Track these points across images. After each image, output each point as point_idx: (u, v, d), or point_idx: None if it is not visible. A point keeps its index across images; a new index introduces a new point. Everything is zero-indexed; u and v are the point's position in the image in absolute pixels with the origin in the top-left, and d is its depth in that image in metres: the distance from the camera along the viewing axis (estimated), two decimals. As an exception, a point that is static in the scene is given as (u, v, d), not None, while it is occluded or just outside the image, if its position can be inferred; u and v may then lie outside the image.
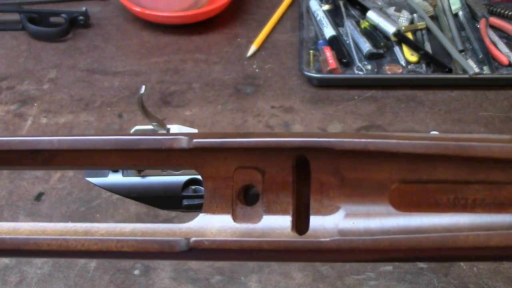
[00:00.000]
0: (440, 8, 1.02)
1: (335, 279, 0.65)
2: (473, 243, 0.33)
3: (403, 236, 0.33)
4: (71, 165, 0.37)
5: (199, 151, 0.36)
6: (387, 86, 0.91)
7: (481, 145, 0.34)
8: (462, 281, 0.65)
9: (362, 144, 0.34)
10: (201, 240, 0.34)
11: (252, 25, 1.03)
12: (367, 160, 0.35)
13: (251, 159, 0.36)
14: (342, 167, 0.35)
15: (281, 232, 0.35)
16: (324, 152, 0.35)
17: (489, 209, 0.34)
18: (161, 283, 0.65)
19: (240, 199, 0.36)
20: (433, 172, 0.35)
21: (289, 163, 0.36)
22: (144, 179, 0.62)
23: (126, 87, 0.91)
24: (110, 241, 0.34)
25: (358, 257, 0.34)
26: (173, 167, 0.37)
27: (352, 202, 0.35)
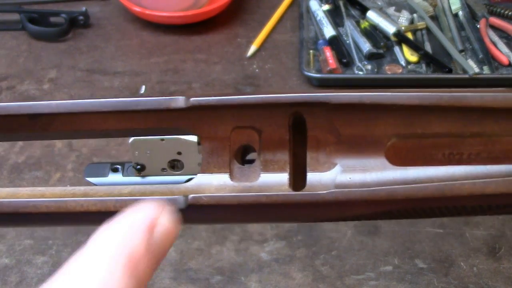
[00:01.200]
0: (440, 8, 1.02)
1: (335, 279, 0.65)
2: (469, 191, 0.33)
3: (400, 186, 0.34)
4: (70, 129, 0.37)
5: (196, 110, 0.36)
6: (387, 86, 0.91)
7: (475, 95, 0.34)
8: (462, 281, 0.65)
9: (357, 98, 0.35)
10: (199, 196, 0.35)
11: (252, 25, 1.03)
12: (362, 116, 0.35)
13: (248, 119, 0.36)
14: (338, 123, 0.36)
15: (278, 189, 0.36)
16: (320, 108, 0.35)
17: (484, 162, 0.35)
18: (161, 283, 0.65)
19: (238, 159, 0.37)
20: (427, 126, 0.35)
21: (285, 121, 0.36)
22: (144, 179, 0.62)
23: (126, 87, 0.91)
24: (109, 201, 0.35)
25: (355, 210, 0.35)
26: (171, 130, 0.37)
27: (348, 158, 0.36)
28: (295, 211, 0.35)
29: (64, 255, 0.67)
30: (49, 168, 0.77)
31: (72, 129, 0.37)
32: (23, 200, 0.35)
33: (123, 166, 0.66)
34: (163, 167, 0.61)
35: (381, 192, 0.34)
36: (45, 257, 0.67)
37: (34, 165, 0.78)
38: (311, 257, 0.67)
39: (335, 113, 0.35)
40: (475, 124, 0.35)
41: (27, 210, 0.34)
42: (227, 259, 0.67)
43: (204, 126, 0.37)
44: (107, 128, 0.37)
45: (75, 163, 0.78)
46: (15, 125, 0.37)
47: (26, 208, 0.34)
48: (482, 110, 0.34)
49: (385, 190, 0.34)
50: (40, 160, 0.78)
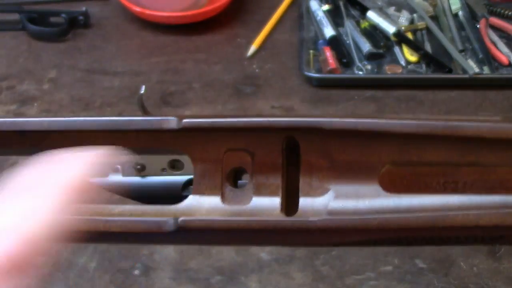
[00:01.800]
0: (440, 8, 1.02)
1: (335, 279, 0.65)
2: (462, 222, 0.33)
3: (392, 215, 0.33)
4: (61, 147, 0.36)
5: (188, 131, 0.36)
6: (387, 86, 0.91)
7: (470, 125, 0.34)
8: (462, 281, 0.65)
9: (351, 124, 0.34)
10: (189, 219, 0.34)
11: (252, 25, 1.03)
12: (356, 142, 0.35)
13: (241, 141, 0.36)
14: (332, 149, 0.35)
15: (270, 213, 0.35)
16: (314, 133, 0.35)
17: (479, 191, 0.34)
18: (161, 283, 0.65)
19: (230, 181, 0.37)
20: (423, 154, 0.35)
21: (278, 145, 0.36)
22: (144, 179, 0.62)
23: (126, 87, 0.91)
24: (99, 221, 0.34)
25: (347, 237, 0.34)
26: (163, 151, 0.37)
27: (341, 184, 0.35)
28: (285, 237, 0.35)
29: (64, 255, 0.67)
30: (49, 168, 0.77)
31: (62, 147, 0.36)
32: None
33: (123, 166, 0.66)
34: (163, 167, 0.61)
35: (373, 221, 0.33)
36: (45, 257, 0.67)
37: (34, 165, 0.78)
38: (311, 257, 0.67)
39: (329, 138, 0.35)
40: (471, 153, 0.34)
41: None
42: (227, 259, 0.67)
43: (196, 148, 0.36)
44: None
45: (75, 163, 0.78)
46: (5, 141, 0.36)
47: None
48: (478, 140, 0.34)
49: (377, 219, 0.33)
50: (40, 160, 0.78)
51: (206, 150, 0.36)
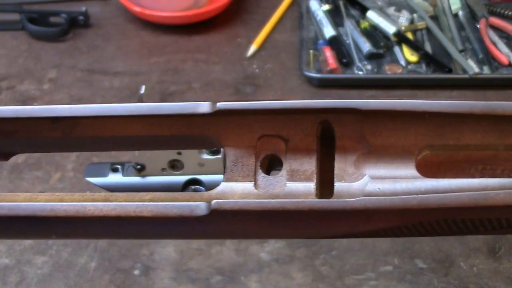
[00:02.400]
0: (440, 8, 1.02)
1: (335, 279, 0.65)
2: (504, 201, 0.31)
3: (432, 195, 0.32)
4: (93, 134, 0.35)
5: (222, 115, 0.35)
6: (387, 86, 0.91)
7: (511, 104, 0.33)
8: (462, 281, 0.65)
9: (389, 105, 0.34)
10: (223, 202, 0.33)
11: (252, 25, 1.03)
12: (392, 125, 0.34)
13: (275, 127, 0.35)
14: (368, 133, 0.34)
15: (305, 197, 0.34)
16: (349, 117, 0.34)
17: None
18: (161, 283, 0.65)
19: (263, 168, 0.36)
20: (460, 137, 0.34)
21: (313, 130, 0.35)
22: (144, 179, 0.62)
23: (126, 87, 0.91)
24: (129, 206, 0.33)
25: (385, 221, 0.33)
26: (196, 137, 0.36)
27: (377, 168, 0.34)
28: (322, 222, 0.34)
29: (64, 255, 0.67)
30: (49, 168, 0.77)
31: (94, 134, 0.35)
32: (40, 204, 0.33)
33: (123, 166, 0.66)
34: (163, 167, 0.61)
35: (412, 201, 0.32)
36: (45, 257, 0.67)
37: (34, 165, 0.78)
38: (311, 257, 0.67)
39: (365, 122, 0.34)
40: (510, 135, 0.33)
41: (44, 214, 0.33)
42: (227, 259, 0.67)
43: (230, 133, 0.36)
44: (131, 134, 0.36)
45: (75, 163, 0.78)
46: (36, 129, 0.35)
47: (43, 211, 0.33)
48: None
49: (417, 198, 0.32)
50: (40, 160, 0.78)
51: (239, 136, 0.36)
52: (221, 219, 0.34)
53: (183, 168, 0.60)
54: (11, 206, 0.33)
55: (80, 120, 0.35)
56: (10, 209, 0.33)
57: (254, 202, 0.33)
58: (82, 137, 0.36)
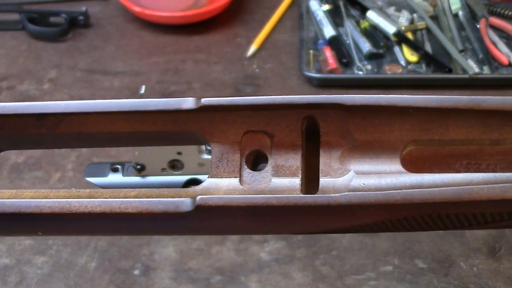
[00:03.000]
0: (440, 8, 1.02)
1: (335, 279, 0.65)
2: (488, 195, 0.32)
3: (416, 190, 0.32)
4: (78, 131, 0.36)
5: (207, 111, 0.35)
6: (387, 86, 0.91)
7: (495, 98, 0.33)
8: (462, 281, 0.65)
9: (373, 100, 0.34)
10: (207, 197, 0.33)
11: (252, 25, 1.03)
12: (377, 121, 0.34)
13: (260, 123, 0.35)
14: (353, 128, 0.35)
15: (290, 193, 0.35)
16: (334, 112, 0.35)
17: (503, 172, 0.33)
18: (161, 283, 0.65)
19: (249, 164, 0.36)
20: (445, 132, 0.34)
21: (298, 126, 0.35)
22: (144, 179, 0.62)
23: (126, 87, 0.91)
24: (114, 202, 0.33)
25: (370, 216, 0.33)
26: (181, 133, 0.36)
27: (362, 164, 0.35)
28: (307, 217, 0.34)
29: (64, 255, 0.67)
30: (49, 168, 0.77)
31: (79, 131, 0.36)
32: (25, 201, 0.33)
33: (123, 166, 0.66)
34: (163, 167, 0.61)
35: (396, 196, 0.32)
36: (45, 257, 0.67)
37: (34, 165, 0.78)
38: (311, 257, 0.67)
39: (350, 117, 0.34)
40: (495, 130, 0.33)
41: (29, 210, 0.33)
42: (227, 259, 0.67)
43: (215, 129, 0.36)
44: (116, 130, 0.36)
45: (75, 163, 0.78)
46: (22, 126, 0.36)
47: (28, 208, 0.33)
48: (502, 115, 0.33)
49: (401, 193, 0.32)
50: (40, 160, 0.78)
51: (224, 132, 0.36)
52: (205, 215, 0.34)
53: (183, 168, 0.61)
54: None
55: (65, 117, 0.36)
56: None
57: (239, 198, 0.34)
58: (67, 133, 0.36)
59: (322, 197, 0.33)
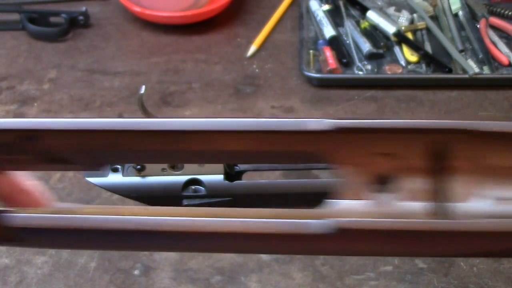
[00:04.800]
0: (440, 8, 1.02)
1: (335, 279, 0.65)
2: None
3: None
4: (198, 148, 0.34)
5: (336, 133, 0.33)
6: (387, 86, 0.91)
7: None
8: (462, 281, 0.65)
9: (507, 126, 0.32)
10: (350, 221, 0.32)
11: (252, 25, 1.03)
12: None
13: (387, 145, 0.34)
14: (485, 153, 0.33)
15: (422, 217, 0.33)
16: (464, 137, 0.33)
17: None
18: (161, 283, 0.65)
19: (375, 186, 0.35)
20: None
21: (426, 149, 0.34)
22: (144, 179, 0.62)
23: (126, 87, 0.91)
24: (240, 222, 0.32)
25: (504, 242, 0.32)
26: (300, 153, 0.34)
27: (498, 190, 0.33)
28: (440, 241, 0.33)
29: (64, 255, 0.67)
30: (49, 168, 0.77)
31: (200, 148, 0.34)
32: (146, 218, 0.32)
33: (123, 166, 0.66)
34: (163, 167, 0.61)
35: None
36: (45, 257, 0.67)
37: (34, 165, 0.78)
38: (311, 257, 0.67)
39: (482, 141, 0.33)
40: None
41: (152, 228, 0.31)
42: (227, 259, 0.67)
43: (340, 151, 0.34)
44: (236, 149, 0.34)
45: (75, 163, 0.78)
46: (141, 141, 0.34)
47: (158, 226, 0.32)
48: None
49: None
50: (40, 160, 0.78)
51: (349, 153, 0.34)
52: (346, 237, 0.33)
53: (183, 168, 0.60)
54: (120, 220, 0.32)
55: (190, 135, 0.34)
56: (118, 222, 0.32)
57: (382, 222, 0.32)
58: (187, 150, 0.34)
59: (461, 222, 0.32)
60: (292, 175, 0.55)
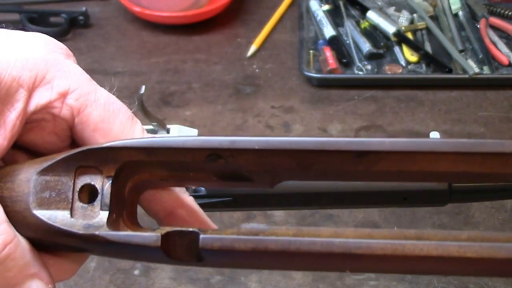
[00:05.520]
0: (440, 8, 1.02)
1: (335, 279, 0.65)
2: None
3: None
4: (395, 170, 0.33)
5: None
6: (387, 86, 0.91)
7: None
8: (462, 281, 0.65)
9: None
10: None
11: (252, 25, 1.03)
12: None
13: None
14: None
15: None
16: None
17: None
18: (161, 283, 0.65)
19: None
20: None
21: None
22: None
23: (126, 87, 0.91)
24: (452, 246, 0.30)
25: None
26: (508, 175, 0.32)
27: None
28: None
29: (64, 255, 0.67)
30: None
31: (397, 169, 0.33)
32: (354, 241, 0.31)
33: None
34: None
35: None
36: (45, 257, 0.67)
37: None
38: (311, 257, 0.67)
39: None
40: None
41: (359, 251, 0.31)
42: (227, 259, 0.67)
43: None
44: (438, 170, 0.33)
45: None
46: (338, 161, 0.33)
47: (358, 249, 0.31)
48: None
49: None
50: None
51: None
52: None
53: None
54: (327, 243, 0.31)
55: (385, 155, 0.33)
56: (324, 246, 0.31)
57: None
58: (384, 171, 0.33)
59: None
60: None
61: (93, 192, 0.33)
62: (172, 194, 0.35)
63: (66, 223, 0.32)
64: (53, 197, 0.32)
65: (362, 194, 0.49)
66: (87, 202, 0.32)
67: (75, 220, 0.32)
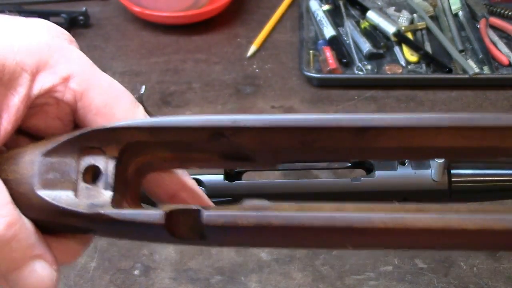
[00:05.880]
0: (440, 8, 1.02)
1: (335, 279, 0.65)
2: None
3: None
4: (397, 145, 0.33)
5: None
6: (387, 86, 0.91)
7: None
8: (462, 281, 0.65)
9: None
10: None
11: (252, 25, 1.03)
12: None
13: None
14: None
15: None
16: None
17: None
18: (161, 283, 0.65)
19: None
20: None
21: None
22: (144, 179, 0.62)
23: (126, 87, 0.91)
24: (453, 218, 0.30)
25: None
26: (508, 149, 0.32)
27: None
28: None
29: (64, 255, 0.67)
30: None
31: (398, 145, 0.33)
32: (355, 215, 0.31)
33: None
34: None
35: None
36: (45, 257, 0.67)
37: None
38: (311, 257, 0.67)
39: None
40: None
41: (361, 225, 0.30)
42: (227, 259, 0.67)
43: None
44: (438, 145, 0.33)
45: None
46: (340, 138, 0.33)
47: (360, 223, 0.30)
48: None
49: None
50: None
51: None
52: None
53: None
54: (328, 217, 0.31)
55: (385, 130, 0.33)
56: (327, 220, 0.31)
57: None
58: (384, 148, 0.33)
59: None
60: (292, 175, 0.55)
61: (97, 173, 0.33)
62: (174, 177, 0.36)
63: (70, 203, 0.32)
64: (57, 178, 0.32)
65: (362, 194, 0.49)
66: (91, 182, 0.32)
67: (79, 200, 0.32)
